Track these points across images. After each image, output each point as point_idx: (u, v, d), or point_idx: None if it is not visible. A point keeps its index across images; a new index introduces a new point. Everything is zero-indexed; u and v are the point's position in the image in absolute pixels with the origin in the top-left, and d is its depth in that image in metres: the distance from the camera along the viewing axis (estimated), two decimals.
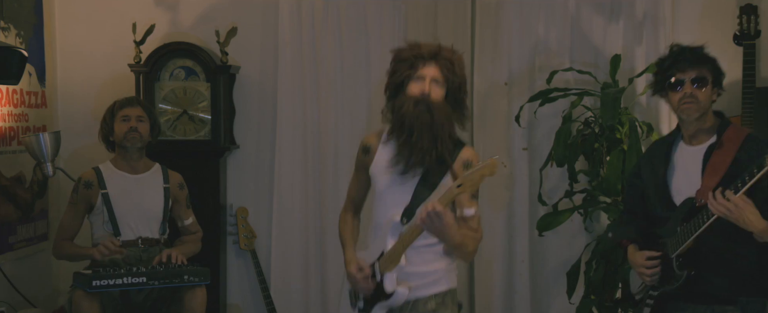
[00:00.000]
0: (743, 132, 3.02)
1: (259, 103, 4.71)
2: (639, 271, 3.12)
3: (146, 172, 3.99)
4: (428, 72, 2.96)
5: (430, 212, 2.79)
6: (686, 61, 3.01)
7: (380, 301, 3.00)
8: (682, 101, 3.00)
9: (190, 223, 4.10)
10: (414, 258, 2.98)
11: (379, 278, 2.99)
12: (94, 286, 3.57)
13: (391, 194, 3.02)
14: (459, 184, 2.77)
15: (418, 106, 2.93)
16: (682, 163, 3.07)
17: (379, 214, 3.07)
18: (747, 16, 4.17)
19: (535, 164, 4.48)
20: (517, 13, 4.50)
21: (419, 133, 2.91)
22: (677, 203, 3.03)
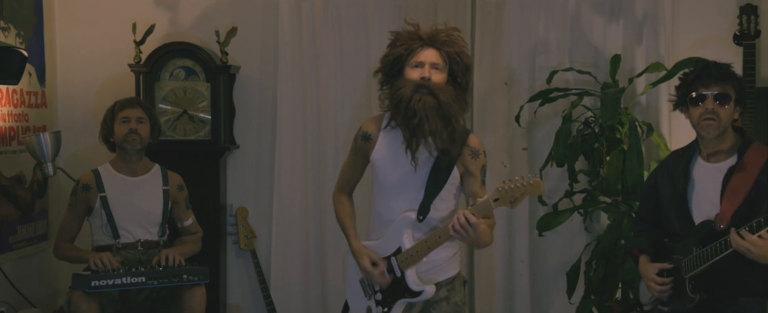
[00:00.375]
0: (765, 153, 2.94)
1: (259, 103, 4.71)
2: (649, 284, 3.08)
3: (145, 174, 3.98)
4: (427, 57, 2.89)
5: (463, 225, 2.78)
6: (711, 76, 2.95)
7: (403, 297, 3.03)
8: (703, 117, 2.95)
9: (189, 224, 4.10)
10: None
11: (399, 273, 3.01)
12: (92, 286, 3.57)
13: (400, 188, 2.99)
14: (496, 198, 2.76)
15: (419, 90, 2.85)
16: (701, 180, 3.02)
17: (386, 207, 3.04)
18: (747, 16, 4.17)
19: (535, 164, 4.48)
20: (517, 13, 4.50)
21: (425, 117, 2.83)
22: (696, 221, 2.98)
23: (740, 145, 2.98)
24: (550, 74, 4.29)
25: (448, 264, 3.09)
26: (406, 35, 2.94)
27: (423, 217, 2.96)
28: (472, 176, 3.00)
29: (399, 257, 3.00)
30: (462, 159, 2.98)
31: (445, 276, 3.08)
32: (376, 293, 3.09)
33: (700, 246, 2.91)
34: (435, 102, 2.84)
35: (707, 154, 3.01)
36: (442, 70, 2.90)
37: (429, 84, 2.86)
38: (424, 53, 2.89)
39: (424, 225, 3.00)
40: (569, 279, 4.28)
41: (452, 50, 2.90)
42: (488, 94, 4.53)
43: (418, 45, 2.89)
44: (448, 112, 2.86)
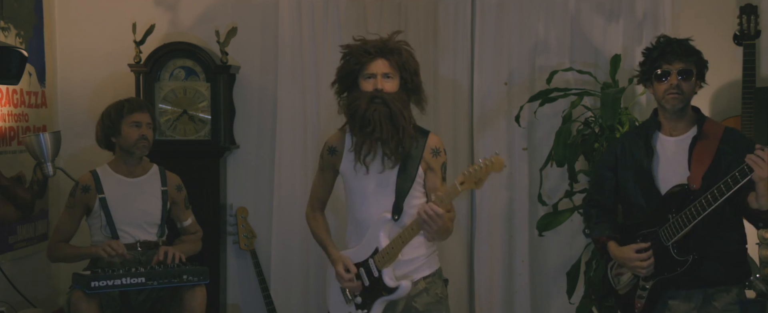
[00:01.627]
0: (721, 126, 3.17)
1: (259, 103, 4.71)
2: (632, 265, 3.19)
3: (144, 175, 3.97)
4: (378, 68, 3.08)
5: (430, 215, 2.94)
6: (673, 53, 3.13)
7: (381, 296, 3.14)
8: (668, 92, 3.13)
9: (189, 224, 4.09)
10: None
11: (377, 274, 3.12)
12: (92, 287, 3.57)
13: (371, 192, 3.15)
14: (461, 181, 2.91)
15: (374, 101, 3.05)
16: (665, 153, 3.19)
17: (361, 211, 3.19)
18: (747, 16, 4.17)
19: (535, 164, 4.48)
20: (517, 13, 4.50)
21: (378, 125, 3.03)
22: (662, 192, 3.14)
23: (697, 118, 3.19)
24: (550, 74, 4.29)
25: (427, 262, 3.21)
26: (356, 48, 3.13)
27: (398, 216, 3.11)
28: (434, 171, 3.18)
29: (376, 257, 3.13)
30: (424, 158, 3.16)
31: (426, 273, 3.20)
32: (356, 297, 3.20)
33: (675, 212, 3.07)
34: (388, 111, 3.05)
35: (669, 128, 3.20)
36: (393, 78, 3.10)
37: (382, 95, 3.06)
38: (375, 65, 3.09)
39: (399, 223, 3.13)
40: (569, 279, 4.28)
41: (399, 59, 3.10)
42: (488, 94, 4.53)
43: (367, 58, 3.09)
44: (398, 121, 3.06)
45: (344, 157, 3.22)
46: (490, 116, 4.54)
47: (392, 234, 3.12)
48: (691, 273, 3.09)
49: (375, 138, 3.06)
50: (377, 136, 3.05)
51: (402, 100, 3.10)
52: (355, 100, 3.09)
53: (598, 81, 4.29)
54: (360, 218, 3.20)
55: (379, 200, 3.14)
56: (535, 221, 4.39)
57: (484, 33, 4.52)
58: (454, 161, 4.45)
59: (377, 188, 3.14)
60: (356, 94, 3.11)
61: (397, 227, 3.12)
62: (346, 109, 3.14)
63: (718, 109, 4.35)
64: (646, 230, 3.19)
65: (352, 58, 3.11)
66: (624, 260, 3.22)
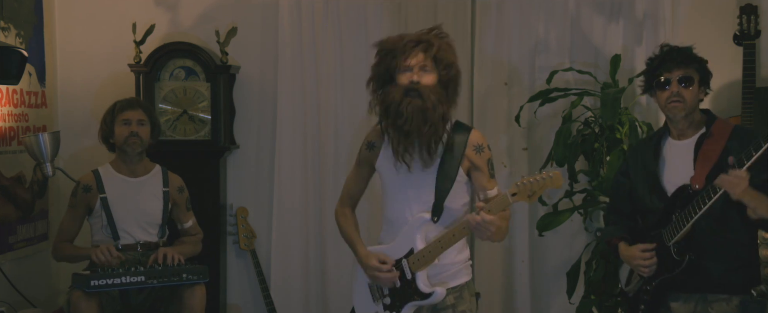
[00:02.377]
0: (730, 124, 3.13)
1: (259, 103, 4.70)
2: (635, 264, 3.18)
3: (146, 175, 3.97)
4: (415, 60, 2.94)
5: (480, 223, 2.81)
6: (673, 61, 3.12)
7: (413, 300, 3.02)
8: (669, 100, 3.11)
9: (190, 226, 4.09)
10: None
11: (410, 276, 3.01)
12: (92, 286, 3.57)
13: (409, 190, 3.02)
14: (514, 193, 2.80)
15: (409, 93, 2.92)
16: (672, 157, 3.17)
17: (397, 210, 3.06)
18: (747, 16, 4.17)
19: (535, 164, 4.48)
20: (517, 13, 4.50)
21: (410, 119, 2.90)
22: (669, 194, 3.12)
23: (707, 119, 3.16)
24: (550, 74, 4.29)
25: (459, 271, 3.08)
26: (392, 42, 3.00)
27: (437, 218, 2.99)
28: (479, 170, 3.03)
29: (410, 259, 3.01)
30: (467, 156, 3.01)
31: (455, 283, 3.07)
32: (385, 297, 3.08)
33: (677, 212, 3.06)
34: (421, 104, 2.90)
35: (678, 133, 3.18)
36: (431, 71, 2.96)
37: (418, 87, 2.92)
38: (412, 57, 2.95)
39: (439, 226, 3.01)
40: (569, 279, 4.28)
41: (436, 52, 2.96)
42: (488, 94, 4.53)
43: (404, 50, 2.96)
44: (429, 115, 2.91)
45: (382, 153, 3.07)
46: (490, 116, 4.54)
47: (429, 236, 2.99)
48: (690, 274, 3.06)
49: (406, 131, 2.91)
50: (407, 129, 2.90)
51: (439, 94, 2.93)
52: (389, 94, 2.95)
53: (598, 81, 4.29)
54: (395, 217, 3.06)
55: (416, 199, 3.00)
56: (535, 221, 4.39)
57: (484, 33, 4.52)
58: None
59: (415, 187, 3.00)
60: (392, 89, 2.95)
61: (435, 229, 2.99)
62: (380, 102, 3.00)
63: (718, 109, 4.35)
64: (653, 231, 3.16)
65: (389, 53, 2.97)
66: (629, 259, 3.20)
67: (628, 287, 3.33)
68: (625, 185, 3.31)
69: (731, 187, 2.84)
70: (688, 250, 3.05)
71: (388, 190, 3.09)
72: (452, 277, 3.06)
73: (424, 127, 2.90)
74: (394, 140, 2.96)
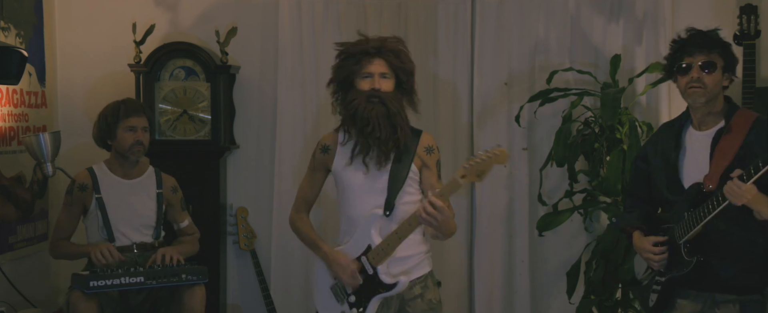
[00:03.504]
0: (752, 116, 3.00)
1: (259, 103, 4.71)
2: (646, 256, 3.14)
3: (140, 177, 3.96)
4: (376, 68, 3.08)
5: (430, 211, 2.88)
6: (696, 45, 3.00)
7: (378, 293, 3.11)
8: (689, 85, 3.00)
9: (186, 225, 4.08)
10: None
11: (371, 271, 3.10)
12: (91, 287, 3.57)
13: (364, 189, 3.14)
14: (463, 175, 2.84)
15: (371, 99, 3.06)
16: (692, 147, 3.08)
17: (353, 208, 3.18)
18: (747, 16, 4.16)
19: (535, 164, 4.48)
20: (517, 13, 4.50)
21: (377, 125, 3.04)
22: (686, 187, 3.03)
23: (727, 110, 3.04)
24: (550, 74, 4.29)
25: (421, 262, 3.19)
26: (354, 48, 3.13)
27: (389, 212, 3.10)
28: (429, 168, 3.17)
29: (369, 255, 3.10)
30: (418, 155, 3.15)
31: (419, 273, 3.18)
32: (349, 296, 3.16)
33: (690, 210, 2.98)
34: (385, 111, 3.06)
35: (698, 121, 3.08)
36: (389, 78, 3.11)
37: (380, 94, 3.07)
38: (373, 64, 3.09)
39: (391, 220, 3.10)
40: (569, 279, 4.28)
41: (397, 60, 3.10)
42: (488, 94, 4.53)
43: (366, 57, 3.09)
44: (396, 121, 3.07)
45: (337, 155, 3.21)
46: (490, 116, 4.54)
47: (384, 231, 3.09)
48: (701, 275, 3.00)
49: (374, 137, 3.05)
50: (377, 135, 3.04)
51: (398, 100, 3.11)
52: (352, 100, 3.09)
53: (598, 81, 4.29)
54: (352, 215, 3.18)
55: (372, 196, 3.12)
56: (535, 221, 4.39)
57: (484, 33, 4.53)
58: (453, 161, 4.45)
59: (370, 186, 3.13)
60: (354, 94, 3.10)
61: (389, 223, 3.09)
62: (344, 108, 3.13)
63: None
64: (668, 224, 3.12)
65: (350, 57, 3.11)
66: (641, 250, 3.17)
67: (643, 275, 3.29)
68: (644, 171, 3.23)
69: (735, 198, 2.78)
70: (699, 250, 2.99)
71: (346, 190, 3.20)
72: (415, 268, 3.17)
73: (392, 131, 3.06)
74: (360, 144, 3.10)
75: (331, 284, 3.22)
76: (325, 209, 4.43)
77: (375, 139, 3.05)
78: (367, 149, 3.09)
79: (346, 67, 3.11)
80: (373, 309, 3.12)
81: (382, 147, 3.07)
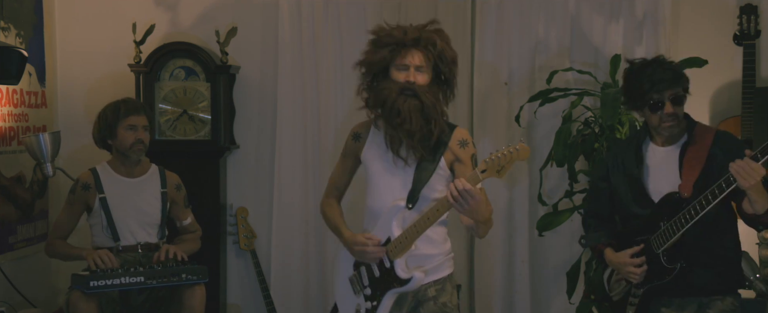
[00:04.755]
0: (712, 129, 3.12)
1: (259, 103, 4.71)
2: (626, 271, 3.16)
3: (143, 175, 3.95)
4: (412, 60, 2.97)
5: (461, 191, 2.77)
6: (663, 81, 3.04)
7: (392, 287, 3.02)
8: (664, 121, 3.06)
9: (188, 223, 4.08)
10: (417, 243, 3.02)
11: (388, 264, 3.02)
12: (91, 287, 3.56)
13: (389, 180, 3.06)
14: (483, 169, 2.78)
15: (405, 92, 2.95)
16: (656, 163, 3.15)
17: (377, 200, 3.09)
18: (747, 16, 4.17)
19: (535, 164, 4.48)
20: (517, 13, 4.50)
21: (408, 117, 2.93)
22: (655, 201, 3.10)
23: (687, 124, 3.13)
24: (550, 74, 4.29)
25: (442, 264, 3.10)
26: (391, 35, 3.00)
27: (412, 205, 3.01)
28: (463, 163, 3.04)
29: (388, 247, 3.02)
30: (450, 149, 3.04)
31: (438, 275, 3.09)
32: (365, 288, 3.10)
33: (666, 219, 3.03)
34: (419, 104, 2.95)
35: (662, 141, 3.15)
36: (425, 71, 2.99)
37: (414, 87, 2.96)
38: (409, 56, 2.97)
39: (414, 213, 3.02)
40: (569, 279, 4.28)
41: (436, 52, 2.98)
42: (488, 94, 4.53)
43: (402, 47, 2.97)
44: (430, 114, 2.96)
45: (367, 144, 3.12)
46: (490, 116, 4.54)
47: (405, 223, 2.99)
48: (681, 281, 3.06)
49: (405, 129, 2.94)
50: (407, 128, 2.94)
51: (434, 93, 2.98)
52: (384, 89, 2.98)
53: (598, 81, 4.29)
54: (375, 206, 3.09)
55: (397, 188, 3.03)
56: (535, 221, 4.39)
57: (484, 33, 4.53)
58: None
59: (397, 178, 3.04)
60: (386, 84, 2.99)
61: (410, 216, 3.00)
62: (373, 95, 3.01)
63: (718, 109, 4.36)
64: (640, 237, 3.15)
65: (386, 47, 2.98)
66: (619, 266, 3.19)
67: (612, 292, 3.32)
68: (605, 190, 3.30)
69: (745, 176, 2.76)
70: (679, 257, 3.04)
71: (372, 180, 3.12)
72: (436, 269, 3.09)
73: (426, 125, 2.94)
74: (390, 136, 3.00)
75: (350, 275, 3.15)
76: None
77: (405, 132, 2.95)
78: (397, 142, 2.98)
79: (380, 54, 2.99)
80: (387, 304, 3.04)
81: (412, 140, 2.96)
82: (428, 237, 3.02)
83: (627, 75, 3.17)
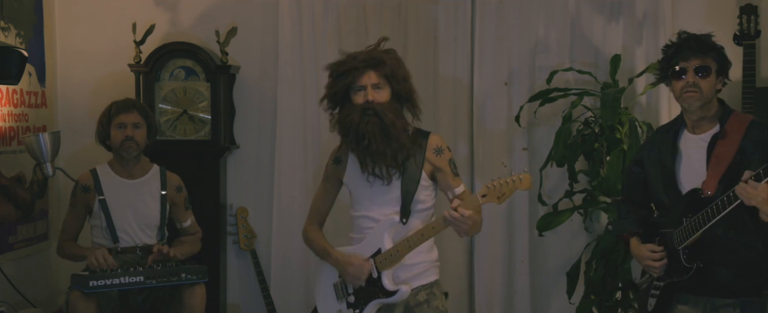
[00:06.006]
0: (746, 119, 3.00)
1: (259, 103, 4.71)
2: (646, 264, 3.13)
3: (144, 176, 3.96)
4: (367, 80, 3.06)
5: (458, 219, 2.89)
6: (690, 49, 3.00)
7: (377, 297, 3.10)
8: (685, 90, 3.00)
9: (189, 225, 4.09)
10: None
11: (376, 275, 3.09)
12: (91, 287, 3.56)
13: (377, 199, 3.13)
14: (484, 194, 2.89)
15: (366, 113, 3.03)
16: (687, 152, 3.07)
17: (368, 213, 3.15)
18: (747, 16, 4.17)
19: (535, 164, 4.48)
20: (517, 13, 4.50)
21: (373, 138, 3.02)
22: (683, 192, 3.03)
23: (721, 114, 3.04)
24: (550, 74, 4.29)
25: (428, 270, 3.17)
26: (343, 63, 3.11)
27: (406, 220, 3.09)
28: (442, 171, 3.15)
29: (377, 258, 3.10)
30: (427, 160, 3.13)
31: (425, 280, 3.16)
32: (349, 295, 3.16)
33: (688, 216, 2.97)
34: (380, 123, 3.03)
35: (692, 125, 3.07)
36: (383, 87, 3.08)
37: (374, 106, 3.04)
38: (364, 77, 3.06)
39: (406, 228, 3.11)
40: (569, 279, 4.28)
41: (386, 69, 3.07)
42: (488, 94, 4.53)
43: (357, 71, 3.07)
44: (390, 133, 3.04)
45: (349, 167, 3.20)
46: (490, 116, 4.54)
47: (397, 237, 3.09)
48: (700, 279, 3.00)
49: (372, 151, 3.04)
50: (374, 149, 3.03)
51: (394, 110, 3.08)
52: (347, 115, 3.08)
53: (598, 81, 4.29)
54: (366, 219, 3.16)
55: (385, 206, 3.11)
56: (535, 221, 4.39)
57: (484, 33, 4.53)
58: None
59: (383, 196, 3.11)
60: (348, 109, 3.08)
61: (403, 230, 3.10)
62: (340, 124, 3.11)
63: None
64: (665, 229, 3.11)
65: (341, 73, 3.09)
66: (639, 258, 3.16)
67: (640, 279, 3.29)
68: (640, 175, 3.23)
69: (748, 198, 2.74)
70: (698, 256, 2.98)
71: (358, 200, 3.21)
72: (422, 275, 3.15)
73: (389, 143, 3.03)
74: (360, 158, 3.09)
75: (335, 281, 3.21)
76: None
77: (372, 154, 3.04)
78: (370, 164, 3.07)
79: (338, 83, 3.10)
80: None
81: (380, 160, 3.06)
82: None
83: (664, 45, 3.13)
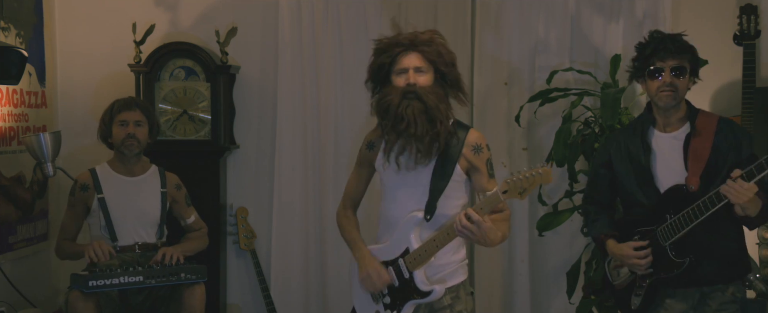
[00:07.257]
0: (714, 117, 3.13)
1: (259, 103, 4.71)
2: (631, 262, 3.17)
3: (143, 174, 3.97)
4: (410, 62, 2.95)
5: (465, 225, 2.81)
6: (667, 50, 3.09)
7: (412, 298, 3.02)
8: (661, 89, 3.09)
9: (192, 221, 4.09)
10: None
11: (408, 275, 3.01)
12: (90, 286, 3.56)
13: (404, 189, 3.03)
14: (505, 190, 2.78)
15: (407, 96, 2.92)
16: (661, 149, 3.16)
17: (392, 208, 3.07)
18: (747, 16, 4.17)
19: (535, 164, 4.46)
20: (517, 13, 4.50)
21: (412, 122, 2.89)
22: (661, 190, 3.11)
23: (689, 113, 3.16)
24: (550, 74, 4.29)
25: (455, 271, 3.09)
26: (387, 42, 3.00)
27: (430, 216, 2.98)
28: (478, 171, 3.02)
29: (407, 258, 3.01)
30: (464, 156, 3.01)
31: (452, 282, 3.07)
32: (385, 297, 3.08)
33: (673, 212, 3.05)
34: (422, 106, 2.91)
35: (663, 124, 3.16)
36: (426, 72, 2.96)
37: (415, 89, 2.92)
38: (407, 59, 2.95)
39: (432, 224, 3.00)
40: (569, 279, 4.28)
41: (432, 51, 2.96)
42: (488, 94, 4.53)
43: (399, 51, 2.96)
44: (434, 116, 2.92)
45: (381, 152, 3.06)
46: (490, 116, 4.54)
47: (424, 235, 2.99)
48: (687, 273, 3.09)
49: (410, 134, 2.90)
50: (412, 132, 2.89)
51: (437, 94, 2.94)
52: (386, 96, 2.95)
53: (598, 81, 4.29)
54: (390, 215, 3.07)
55: (412, 197, 3.00)
56: (535, 221, 4.39)
57: (484, 33, 4.52)
58: None
59: (412, 186, 3.00)
60: (388, 90, 2.96)
61: (429, 227, 2.99)
62: (377, 105, 2.98)
63: (718, 109, 4.35)
64: (644, 227, 3.17)
65: (383, 52, 2.98)
66: (622, 258, 3.21)
67: (616, 279, 3.32)
68: (606, 177, 3.32)
69: (737, 197, 2.85)
70: (687, 251, 3.06)
71: (386, 188, 3.10)
72: (449, 276, 3.06)
73: (431, 127, 2.91)
74: (388, 142, 2.98)
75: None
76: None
77: (411, 137, 2.90)
78: (402, 149, 2.94)
79: (379, 62, 2.98)
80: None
81: (418, 145, 2.92)
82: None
83: (639, 43, 3.21)
